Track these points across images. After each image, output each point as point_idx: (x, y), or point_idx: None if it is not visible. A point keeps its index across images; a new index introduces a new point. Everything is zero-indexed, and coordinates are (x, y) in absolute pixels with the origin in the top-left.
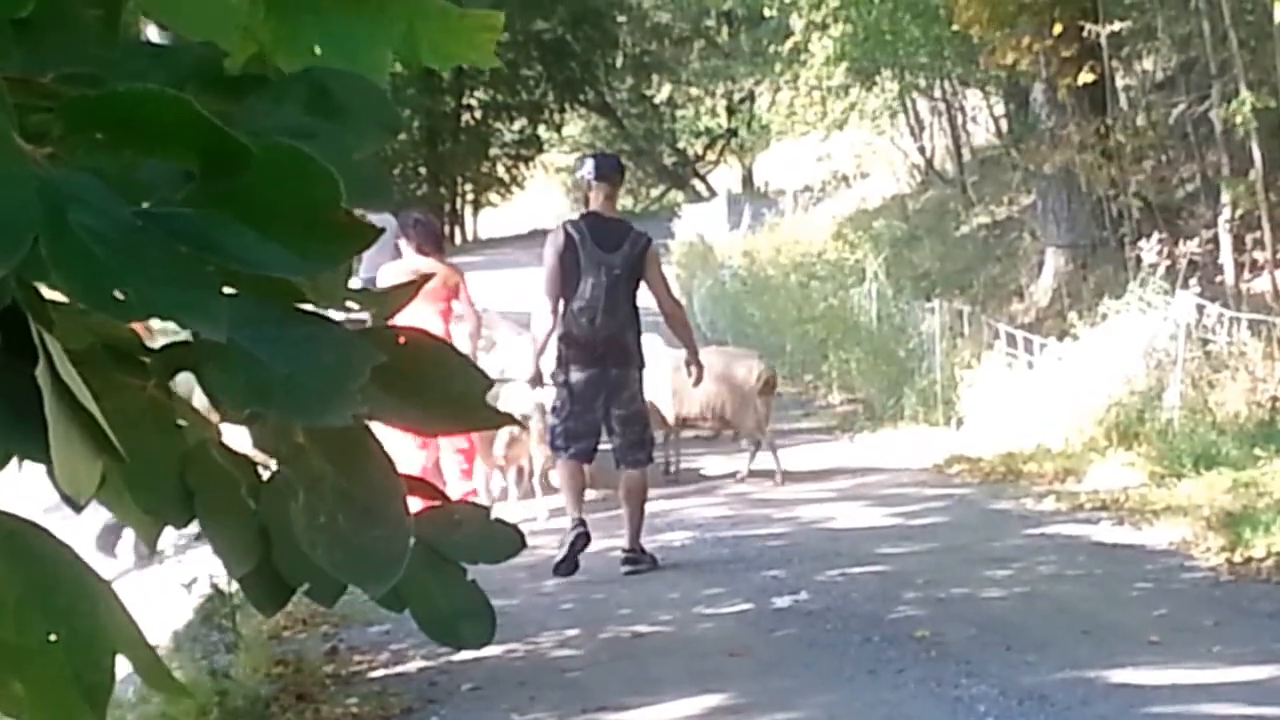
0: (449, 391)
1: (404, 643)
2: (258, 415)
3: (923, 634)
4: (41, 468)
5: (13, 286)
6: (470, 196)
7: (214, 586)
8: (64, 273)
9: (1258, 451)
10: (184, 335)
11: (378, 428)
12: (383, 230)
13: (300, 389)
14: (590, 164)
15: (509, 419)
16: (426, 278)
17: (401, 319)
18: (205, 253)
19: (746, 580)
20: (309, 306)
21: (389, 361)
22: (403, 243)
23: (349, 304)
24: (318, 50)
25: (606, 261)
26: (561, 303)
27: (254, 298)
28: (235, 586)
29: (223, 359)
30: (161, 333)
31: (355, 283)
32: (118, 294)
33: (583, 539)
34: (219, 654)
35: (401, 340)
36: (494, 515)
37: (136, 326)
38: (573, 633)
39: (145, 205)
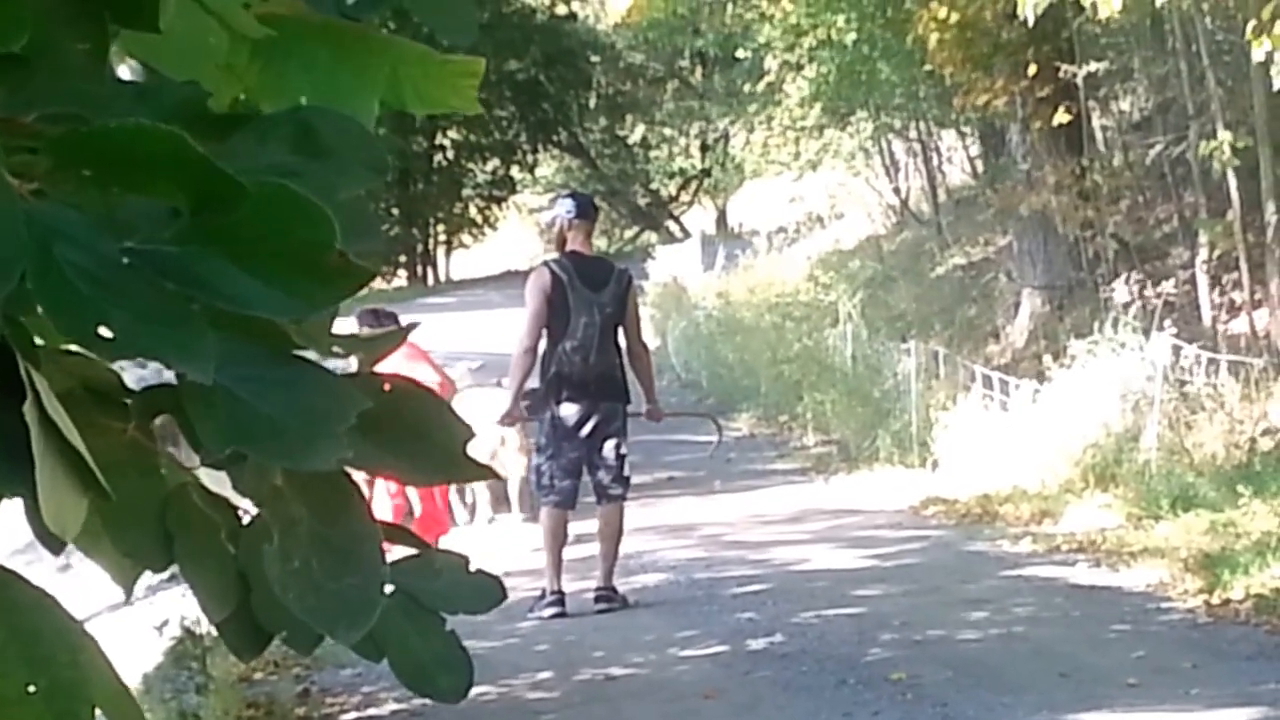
0: (431, 441)
1: (376, 685)
2: (239, 456)
3: (899, 676)
4: (13, 512)
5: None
6: (442, 237)
7: (185, 628)
8: (50, 308)
9: (1236, 492)
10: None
11: None
12: (375, 273)
13: (284, 431)
14: (570, 203)
15: (490, 472)
16: (413, 325)
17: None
18: (192, 291)
19: (721, 622)
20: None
21: (373, 409)
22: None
23: (334, 349)
24: (304, 101)
25: (597, 300)
26: (546, 342)
27: (239, 338)
28: (206, 628)
29: (206, 398)
30: None
31: None
32: (104, 331)
33: (558, 617)
34: (189, 696)
35: (386, 388)
36: (474, 566)
37: None
38: (546, 675)
39: (133, 243)
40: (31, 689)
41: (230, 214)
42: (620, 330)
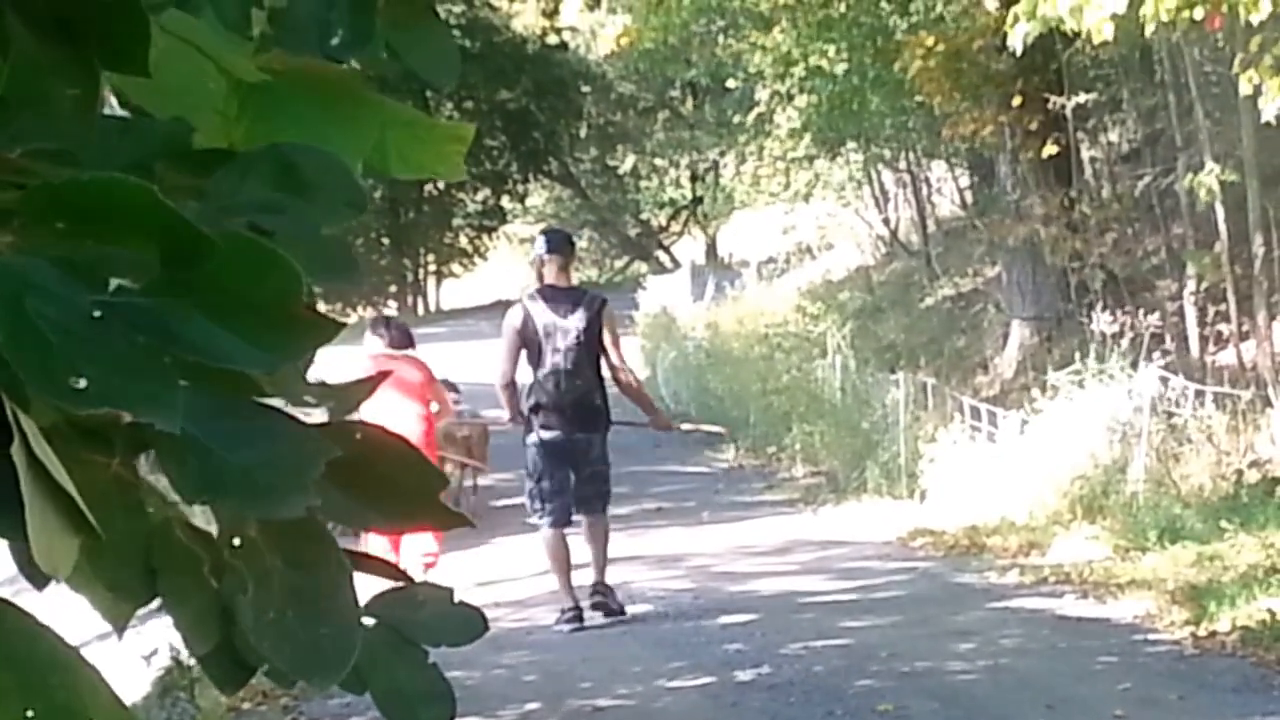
0: (403, 488)
1: (364, 716)
2: (210, 506)
3: (886, 708)
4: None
5: None
6: (433, 267)
7: (173, 659)
8: (19, 360)
9: (1223, 524)
10: None
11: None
12: (344, 325)
13: (254, 481)
14: (542, 240)
15: (462, 520)
16: (386, 373)
17: (386, 418)
18: (163, 343)
19: (709, 653)
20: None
21: (344, 457)
22: (376, 341)
23: (307, 398)
24: None
25: (564, 327)
26: (529, 371)
27: (210, 389)
28: (194, 659)
29: (179, 450)
30: None
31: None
32: (76, 383)
33: (577, 627)
34: None
35: (358, 436)
36: (457, 598)
37: None
38: (533, 706)
39: (105, 295)
40: (29, 714)
41: (198, 268)
42: (600, 356)
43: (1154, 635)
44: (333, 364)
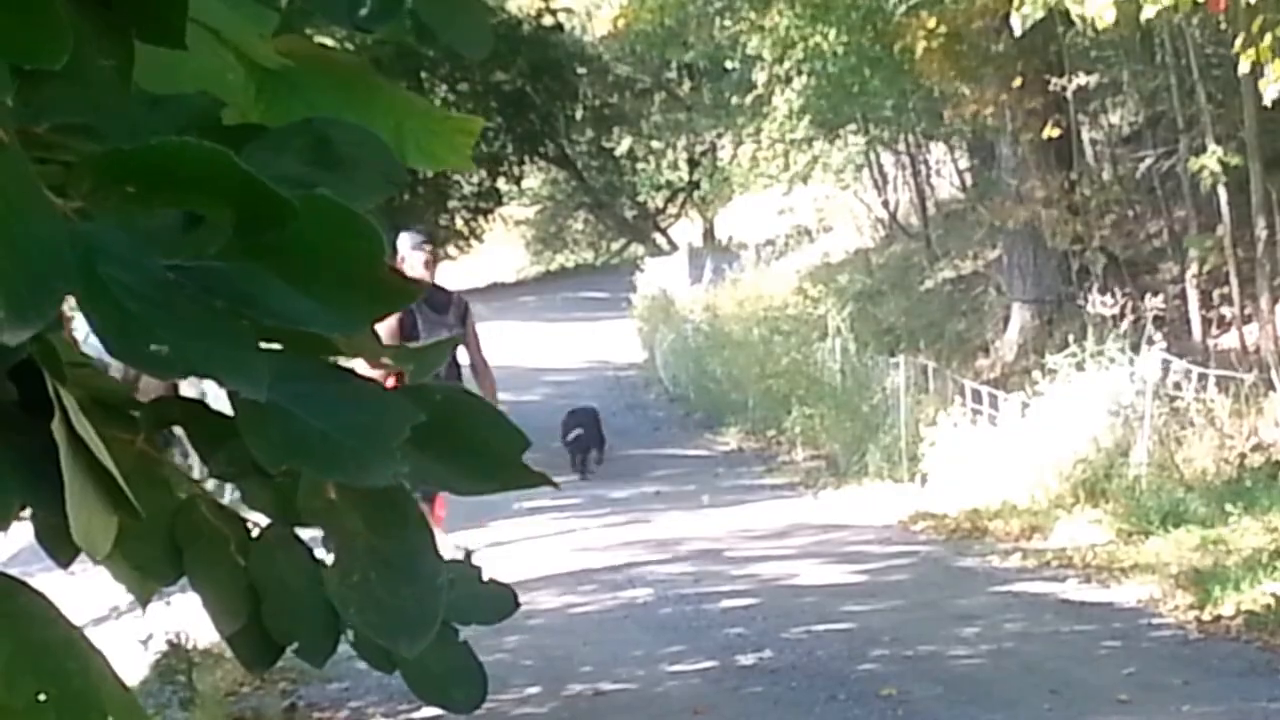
0: (486, 449)
1: (364, 700)
2: (294, 471)
3: (889, 692)
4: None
5: (27, 341)
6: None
7: (170, 642)
8: (98, 326)
9: (1226, 508)
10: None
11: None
12: (423, 289)
13: (339, 447)
14: (405, 238)
15: (546, 479)
16: (455, 342)
17: None
18: (241, 307)
19: (710, 637)
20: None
21: (426, 420)
22: None
23: (385, 360)
24: None
25: (443, 322)
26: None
27: (289, 353)
28: (192, 643)
29: (259, 415)
30: None
31: None
32: (156, 349)
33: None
34: (175, 710)
35: (438, 398)
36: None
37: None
38: (534, 690)
39: (178, 260)
40: (42, 698)
41: (276, 231)
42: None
43: (1157, 620)
44: None
